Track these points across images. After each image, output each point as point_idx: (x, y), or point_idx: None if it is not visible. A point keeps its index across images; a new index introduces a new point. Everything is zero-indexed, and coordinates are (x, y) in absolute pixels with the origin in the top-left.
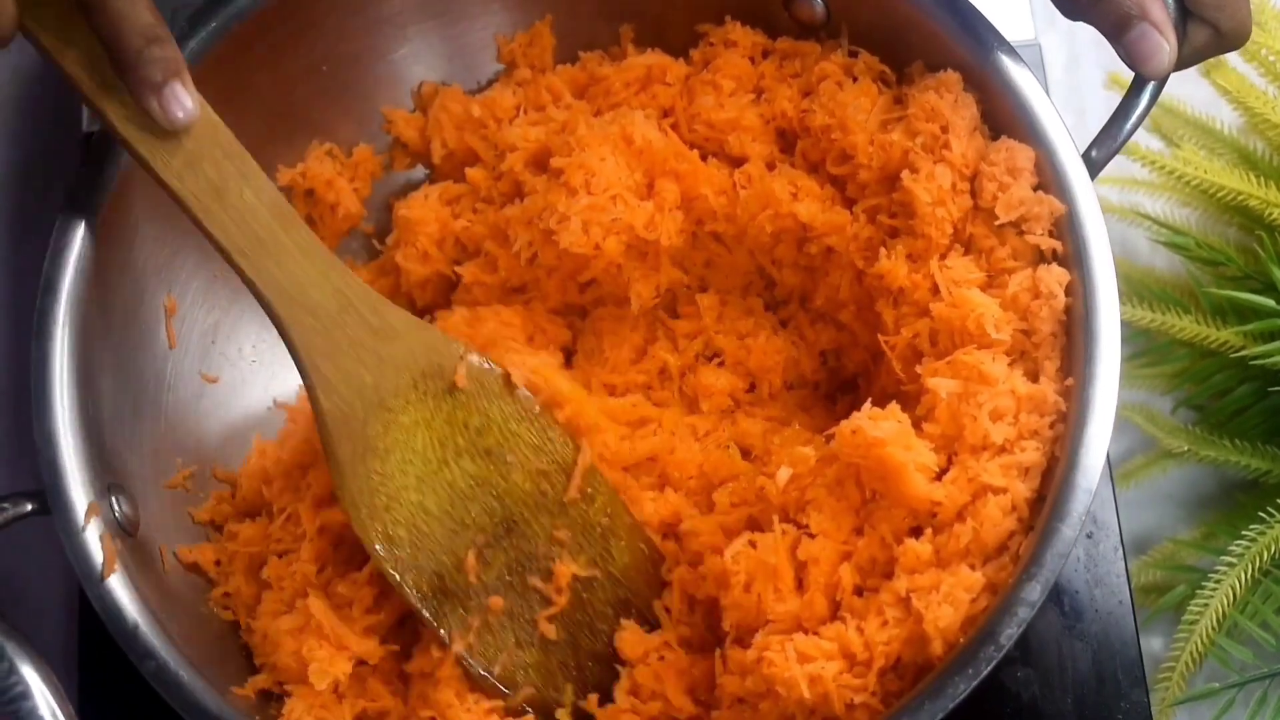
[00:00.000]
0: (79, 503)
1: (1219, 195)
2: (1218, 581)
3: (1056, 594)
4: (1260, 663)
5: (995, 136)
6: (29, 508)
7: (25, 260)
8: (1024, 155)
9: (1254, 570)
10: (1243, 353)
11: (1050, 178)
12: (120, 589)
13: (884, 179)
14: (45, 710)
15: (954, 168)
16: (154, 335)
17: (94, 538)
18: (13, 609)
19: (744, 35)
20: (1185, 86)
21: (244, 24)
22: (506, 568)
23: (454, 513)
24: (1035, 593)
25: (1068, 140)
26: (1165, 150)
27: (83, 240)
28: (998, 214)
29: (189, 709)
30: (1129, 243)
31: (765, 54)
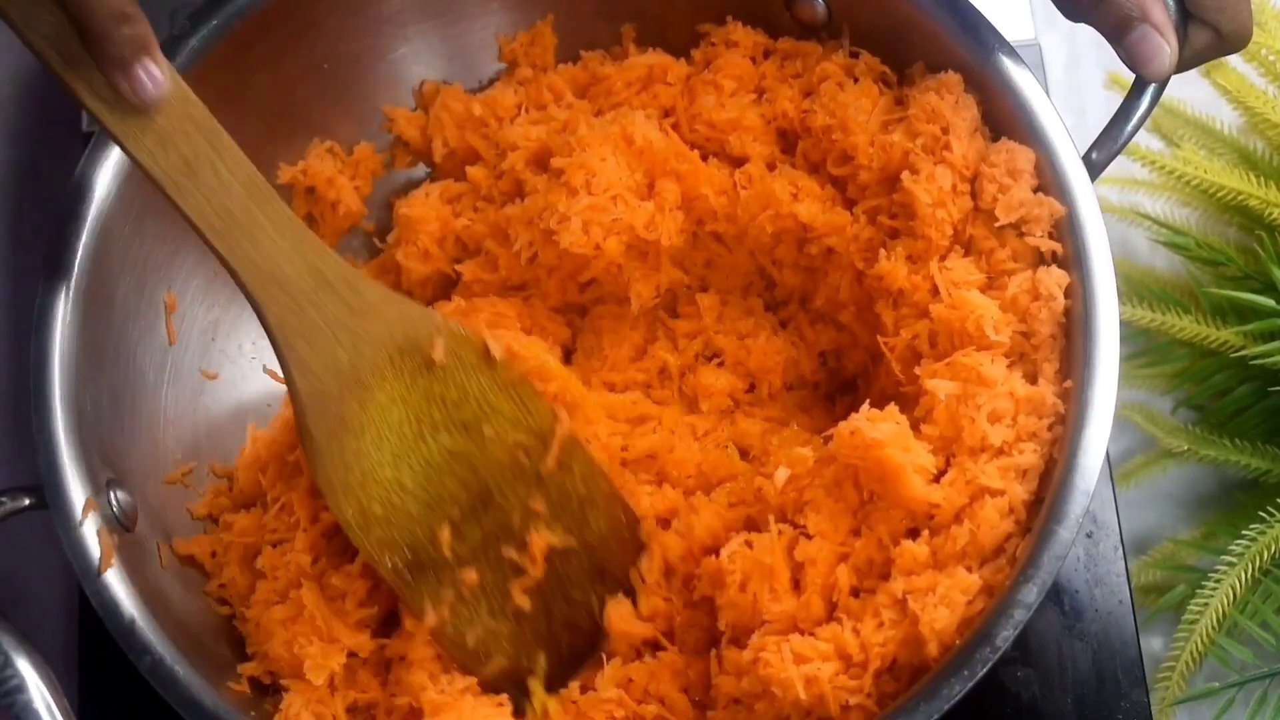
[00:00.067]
0: (76, 498)
1: (1219, 195)
2: (1218, 581)
3: (1056, 594)
4: (1260, 662)
5: (996, 137)
6: (27, 502)
7: (25, 260)
8: (1024, 157)
9: (1254, 570)
10: (1243, 353)
11: (1050, 179)
12: (117, 584)
13: (884, 180)
14: (40, 703)
15: (954, 169)
16: (154, 331)
17: (91, 532)
18: (13, 608)
19: (745, 35)
20: (1185, 87)
21: (244, 23)
22: (482, 540)
23: (430, 487)
24: (1032, 595)
25: (1068, 142)
26: (1165, 150)
27: (83, 237)
28: (998, 215)
29: (185, 704)
30: (1129, 243)
31: (766, 54)
